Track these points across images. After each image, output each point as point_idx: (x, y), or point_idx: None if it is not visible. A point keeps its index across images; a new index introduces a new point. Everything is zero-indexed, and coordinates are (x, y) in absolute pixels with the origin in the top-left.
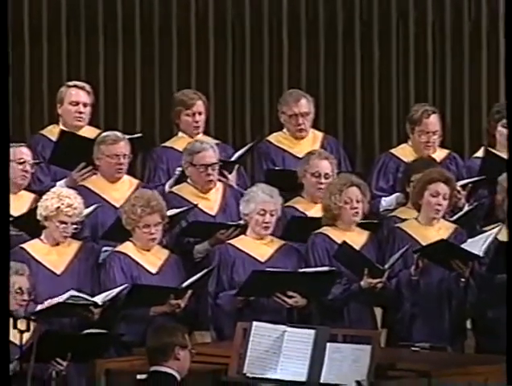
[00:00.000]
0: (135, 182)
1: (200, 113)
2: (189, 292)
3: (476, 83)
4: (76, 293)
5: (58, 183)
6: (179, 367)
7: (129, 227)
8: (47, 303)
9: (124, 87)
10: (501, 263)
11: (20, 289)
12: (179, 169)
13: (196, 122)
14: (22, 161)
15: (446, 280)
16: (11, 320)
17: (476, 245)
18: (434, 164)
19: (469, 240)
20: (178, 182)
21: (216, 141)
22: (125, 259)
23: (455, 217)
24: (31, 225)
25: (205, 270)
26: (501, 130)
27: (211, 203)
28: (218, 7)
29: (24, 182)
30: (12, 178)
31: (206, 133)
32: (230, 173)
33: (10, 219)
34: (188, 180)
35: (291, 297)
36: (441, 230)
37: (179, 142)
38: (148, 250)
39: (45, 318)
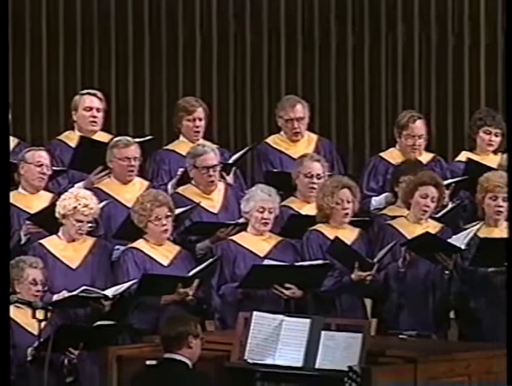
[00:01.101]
0: (145, 183)
1: (200, 119)
2: (196, 281)
3: (458, 91)
4: (89, 287)
5: (76, 185)
6: (190, 354)
7: (141, 225)
8: (61, 294)
9: (134, 94)
10: (482, 257)
11: (34, 280)
12: (181, 170)
13: (197, 127)
14: (40, 164)
15: (431, 272)
16: (30, 310)
17: (459, 240)
18: (420, 166)
19: (453, 237)
20: (180, 182)
21: (216, 146)
22: (138, 253)
23: (439, 214)
24: (49, 222)
25: (210, 260)
26: (482, 136)
27: (213, 202)
28: (221, 22)
29: (41, 183)
30: (30, 179)
31: (208, 137)
32: (228, 174)
33: (29, 216)
34: (192, 181)
35: (288, 288)
36: (428, 228)
37: (181, 146)
38: (160, 245)
39: (61, 309)
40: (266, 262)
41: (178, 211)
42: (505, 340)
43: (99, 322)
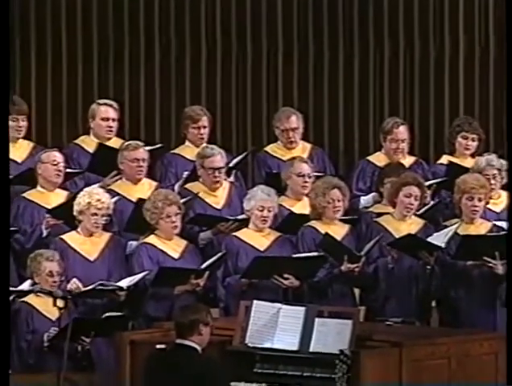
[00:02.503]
0: (154, 183)
1: (204, 127)
2: (207, 273)
3: (439, 100)
4: (105, 281)
5: (91, 187)
6: (200, 340)
7: (153, 222)
8: (72, 282)
9: (145, 104)
10: (463, 252)
11: (50, 272)
12: (186, 173)
13: (201, 134)
14: (55, 162)
15: (415, 267)
16: (50, 299)
17: (440, 237)
18: (402, 168)
19: (434, 234)
20: (186, 182)
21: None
22: (151, 248)
23: (422, 211)
24: (66, 215)
25: (219, 254)
26: (460, 140)
27: (218, 199)
28: (225, 40)
29: (58, 179)
30: (47, 177)
31: (212, 142)
32: (229, 176)
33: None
34: (200, 179)
35: (286, 278)
36: (412, 225)
37: (186, 150)
38: (170, 240)
39: (81, 300)
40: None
41: (181, 200)
42: (482, 326)
43: (107, 314)
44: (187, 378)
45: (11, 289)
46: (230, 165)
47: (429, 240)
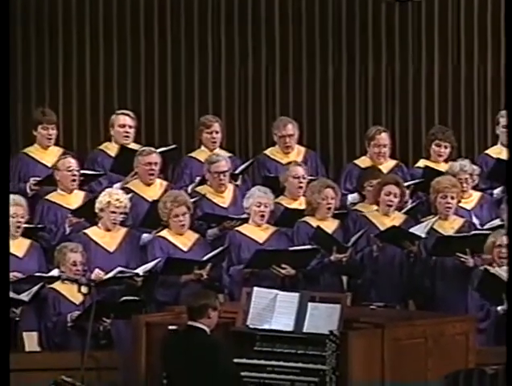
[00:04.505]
0: (165, 183)
1: (216, 132)
2: (209, 264)
3: (417, 111)
4: (123, 269)
5: (114, 186)
6: (209, 323)
7: (164, 218)
8: (95, 273)
9: (159, 114)
10: (439, 249)
11: (74, 262)
12: (198, 178)
13: (214, 138)
14: (70, 168)
15: (397, 256)
16: (75, 286)
17: (420, 229)
18: (378, 172)
19: (416, 227)
20: (198, 185)
21: (229, 154)
22: (163, 241)
23: (404, 210)
24: (87, 214)
25: (221, 248)
26: (434, 147)
27: (224, 199)
28: (228, 56)
29: (74, 183)
30: (64, 182)
31: (222, 147)
32: (236, 181)
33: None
34: (208, 182)
35: (283, 268)
36: (395, 219)
37: (201, 154)
38: (181, 234)
39: (103, 286)
40: (265, 248)
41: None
42: (455, 310)
43: (124, 298)
44: (197, 355)
45: (41, 275)
46: (237, 172)
47: (411, 230)
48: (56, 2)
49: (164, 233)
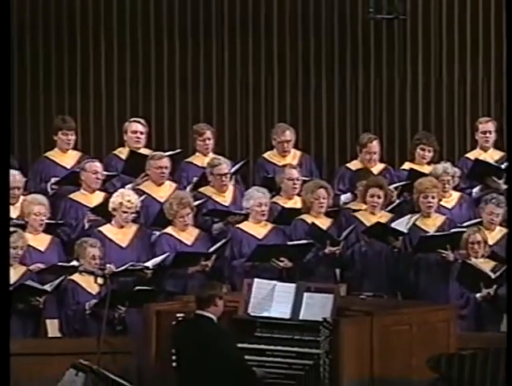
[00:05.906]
0: (174, 185)
1: (209, 139)
2: (214, 256)
3: (403, 118)
4: (135, 263)
5: (126, 187)
6: (216, 311)
7: (170, 218)
8: (108, 267)
9: (168, 121)
10: (421, 247)
11: (93, 256)
12: (195, 179)
13: (206, 145)
14: (95, 171)
15: (384, 250)
16: (92, 277)
17: (402, 224)
18: (369, 174)
19: (397, 221)
20: (195, 185)
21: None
22: (170, 237)
23: (389, 208)
24: (103, 212)
25: (223, 241)
26: (418, 151)
27: (225, 198)
28: (231, 67)
29: (97, 185)
30: (89, 183)
31: (220, 152)
32: (230, 180)
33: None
34: (210, 184)
35: (282, 261)
36: (382, 217)
37: (196, 159)
38: (184, 231)
39: (116, 278)
40: (264, 243)
41: (196, 202)
42: (437, 299)
43: (138, 287)
44: (205, 341)
45: (62, 264)
46: (231, 172)
47: (393, 225)
48: (74, 22)
49: (169, 230)
